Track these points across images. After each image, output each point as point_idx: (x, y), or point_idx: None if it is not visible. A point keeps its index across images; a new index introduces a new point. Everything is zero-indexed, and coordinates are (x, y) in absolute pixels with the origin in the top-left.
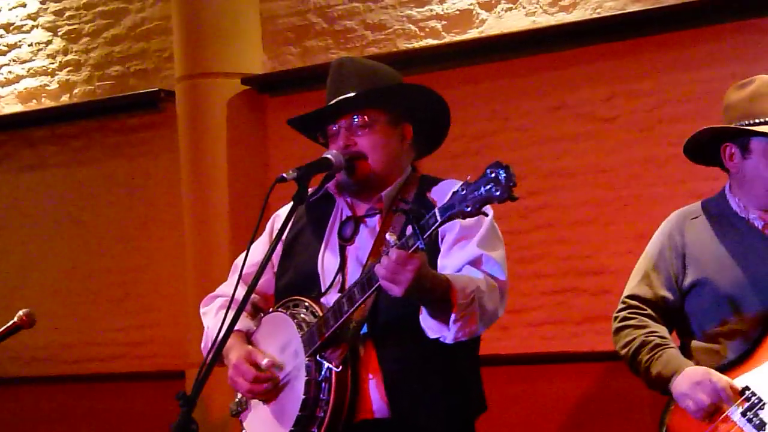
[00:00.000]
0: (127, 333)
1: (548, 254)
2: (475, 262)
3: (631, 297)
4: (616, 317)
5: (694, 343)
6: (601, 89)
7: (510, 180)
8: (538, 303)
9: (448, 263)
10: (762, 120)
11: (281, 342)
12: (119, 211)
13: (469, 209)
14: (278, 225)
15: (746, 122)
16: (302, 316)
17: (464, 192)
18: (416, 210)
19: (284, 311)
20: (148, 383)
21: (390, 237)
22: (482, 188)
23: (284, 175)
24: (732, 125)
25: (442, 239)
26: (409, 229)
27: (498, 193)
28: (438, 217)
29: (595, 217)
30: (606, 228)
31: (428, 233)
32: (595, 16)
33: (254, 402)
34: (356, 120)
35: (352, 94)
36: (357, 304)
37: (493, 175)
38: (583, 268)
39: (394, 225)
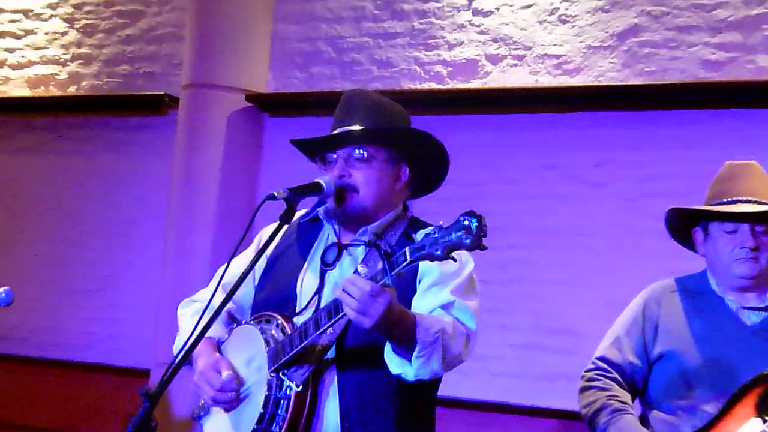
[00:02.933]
0: (99, 324)
1: (519, 308)
2: (447, 307)
3: (600, 359)
4: (583, 376)
5: (654, 413)
6: (593, 154)
7: (481, 230)
8: (502, 353)
9: (422, 305)
10: (717, 201)
11: (248, 355)
12: (107, 205)
13: (438, 253)
14: (265, 240)
15: (705, 205)
16: (272, 332)
17: (436, 236)
18: (389, 247)
19: (255, 325)
20: (113, 376)
21: (361, 270)
22: (453, 234)
23: (275, 193)
24: (693, 208)
25: (420, 281)
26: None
27: (468, 242)
28: (408, 256)
29: (570, 278)
30: (579, 290)
31: (397, 270)
32: (596, 83)
33: (216, 408)
34: (356, 153)
35: (357, 128)
36: (322, 328)
37: (465, 222)
38: (551, 326)
39: (372, 259)
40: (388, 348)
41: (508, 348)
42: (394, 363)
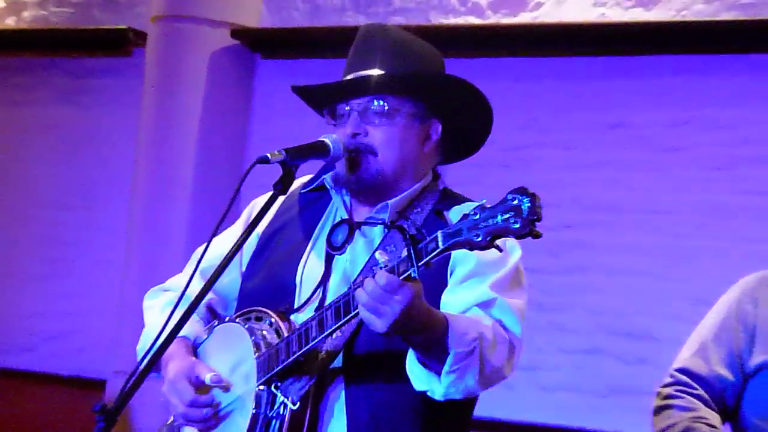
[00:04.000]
0: (44, 321)
1: (576, 304)
2: (486, 305)
3: (681, 371)
4: (659, 393)
5: None
6: (671, 111)
7: (533, 212)
8: (555, 363)
9: (454, 302)
10: None
11: (232, 360)
12: (58, 169)
13: (478, 239)
14: (255, 214)
15: None
16: (263, 333)
17: (477, 218)
18: (415, 228)
19: (242, 323)
20: (61, 388)
21: (380, 257)
22: (499, 217)
23: (268, 155)
24: None
25: (452, 272)
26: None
27: (517, 226)
28: (440, 243)
29: (640, 267)
30: (653, 282)
31: (426, 260)
32: (678, 18)
33: (189, 429)
34: (374, 105)
35: (376, 72)
36: (328, 330)
37: (515, 202)
38: (617, 327)
39: (393, 243)
40: (411, 358)
41: (563, 356)
42: (418, 377)
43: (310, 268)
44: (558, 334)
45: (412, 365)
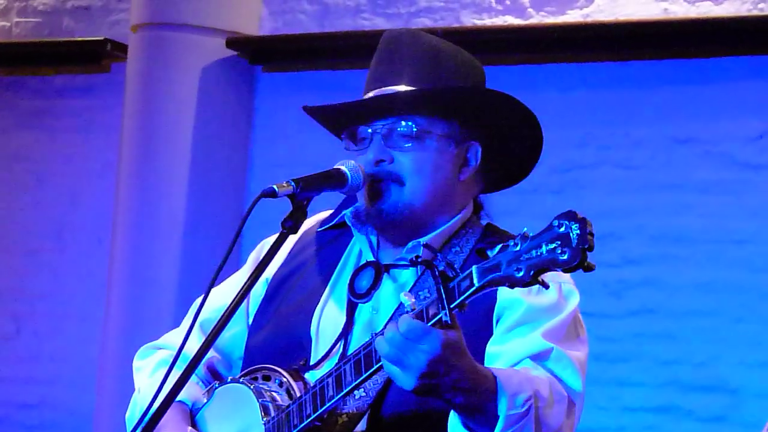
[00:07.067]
0: (13, 388)
1: (643, 354)
2: (540, 357)
3: None
4: None
5: None
6: (752, 121)
7: (584, 240)
8: (620, 424)
9: (501, 352)
10: None
11: (236, 428)
12: (24, 205)
13: (520, 275)
14: (263, 257)
15: None
16: (273, 394)
17: (518, 249)
18: (445, 264)
19: (248, 384)
20: None
21: (406, 299)
22: (544, 248)
23: (275, 187)
24: None
25: (498, 320)
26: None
27: (565, 257)
28: (475, 280)
29: (719, 307)
30: (732, 326)
31: (459, 301)
32: (755, 13)
33: None
34: (401, 127)
35: (402, 89)
36: (347, 388)
37: (562, 229)
38: (692, 380)
39: (428, 287)
40: (453, 422)
41: (629, 415)
42: None
43: (328, 318)
44: (622, 390)
45: (456, 430)
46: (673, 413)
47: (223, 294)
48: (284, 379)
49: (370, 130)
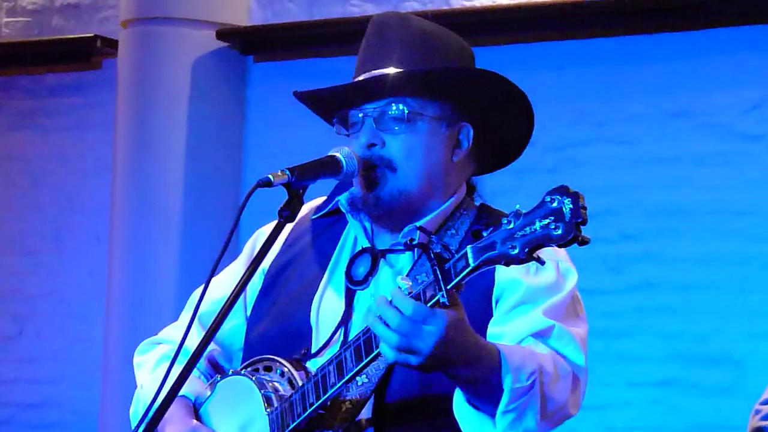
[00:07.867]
0: (17, 389)
1: (645, 329)
2: (542, 334)
3: None
4: (760, 429)
5: None
6: (747, 92)
7: (577, 214)
8: (624, 398)
9: (503, 332)
10: None
11: (240, 419)
12: (21, 207)
13: (515, 252)
14: (260, 247)
15: None
16: (275, 384)
17: (511, 227)
18: (441, 246)
19: (250, 375)
20: None
21: (404, 282)
22: (537, 224)
23: (270, 176)
24: None
25: (497, 301)
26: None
27: (559, 232)
28: (470, 260)
29: (720, 279)
30: (734, 297)
31: (456, 281)
32: None
33: None
34: (392, 110)
35: (392, 71)
36: (348, 375)
37: (554, 204)
38: (694, 352)
39: (425, 270)
40: (458, 399)
41: (633, 390)
42: (468, 421)
43: (327, 306)
44: (626, 365)
45: (461, 407)
46: (677, 386)
47: (220, 285)
48: (286, 369)
49: (360, 114)
